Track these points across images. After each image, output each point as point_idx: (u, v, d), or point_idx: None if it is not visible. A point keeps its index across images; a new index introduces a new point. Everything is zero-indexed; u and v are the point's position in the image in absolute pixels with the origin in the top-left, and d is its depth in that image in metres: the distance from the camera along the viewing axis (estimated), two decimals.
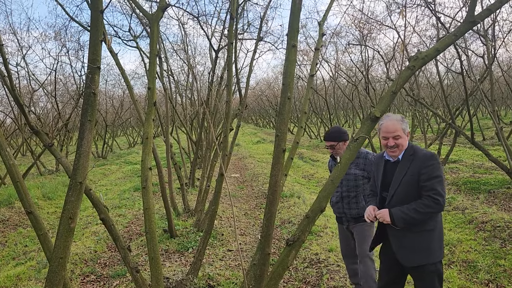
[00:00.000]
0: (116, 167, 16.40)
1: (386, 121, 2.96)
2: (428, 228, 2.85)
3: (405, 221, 2.79)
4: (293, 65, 2.05)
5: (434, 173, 2.77)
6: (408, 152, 2.93)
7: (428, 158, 2.83)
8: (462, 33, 2.19)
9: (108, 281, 4.86)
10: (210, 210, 4.36)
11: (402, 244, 2.92)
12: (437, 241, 2.86)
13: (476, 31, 8.49)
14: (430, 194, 2.75)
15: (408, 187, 2.85)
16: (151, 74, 2.94)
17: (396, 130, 2.90)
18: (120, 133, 35.60)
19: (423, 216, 2.77)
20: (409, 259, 2.90)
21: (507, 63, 18.62)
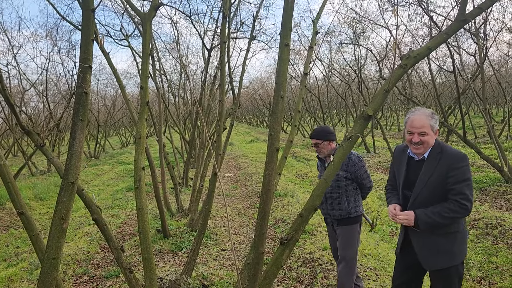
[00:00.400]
0: (109, 167, 16.31)
1: (413, 114, 2.74)
2: (452, 230, 2.71)
3: (428, 225, 2.65)
4: (286, 64, 2.05)
5: (464, 175, 2.59)
6: (435, 150, 2.71)
7: (458, 159, 2.62)
8: (453, 31, 2.20)
9: (101, 281, 4.83)
10: (203, 209, 4.35)
11: (425, 246, 2.77)
12: (460, 244, 2.74)
13: (468, 30, 8.56)
14: (457, 199, 2.58)
15: (434, 189, 2.67)
16: (143, 74, 2.92)
17: (423, 126, 2.67)
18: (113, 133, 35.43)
19: (448, 221, 2.63)
20: (431, 262, 2.76)
21: (498, 62, 18.78)
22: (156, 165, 7.29)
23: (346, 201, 3.66)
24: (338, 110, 31.18)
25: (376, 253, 5.31)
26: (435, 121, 2.70)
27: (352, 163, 3.65)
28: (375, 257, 5.19)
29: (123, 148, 25.25)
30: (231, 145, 21.83)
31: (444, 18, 8.74)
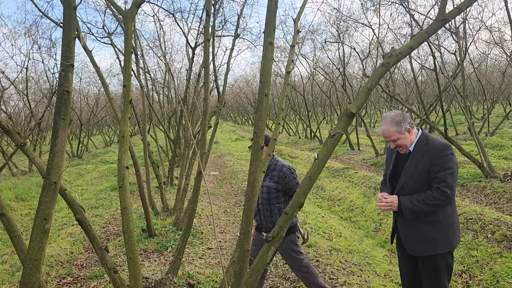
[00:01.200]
0: (92, 167, 16.10)
1: (380, 128, 2.97)
2: (436, 218, 2.81)
3: (413, 211, 2.77)
4: (270, 62, 2.06)
5: (446, 164, 2.72)
6: (421, 143, 2.87)
7: (441, 149, 2.77)
8: (434, 30, 2.24)
9: (85, 282, 4.78)
10: (189, 208, 4.34)
11: (409, 233, 2.91)
12: (446, 232, 2.81)
13: (448, 29, 8.70)
14: (439, 186, 2.70)
15: (419, 179, 2.81)
16: (126, 72, 2.89)
17: (390, 135, 2.89)
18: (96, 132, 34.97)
19: (432, 208, 2.73)
20: (415, 248, 2.88)
21: (478, 60, 19.17)
22: (141, 164, 7.23)
23: (277, 213, 3.62)
24: (323, 107, 31.39)
25: (361, 249, 5.38)
26: (398, 124, 2.87)
27: (283, 175, 3.61)
28: (360, 253, 5.26)
29: (107, 147, 24.96)
30: (216, 144, 21.78)
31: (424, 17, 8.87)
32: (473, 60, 17.39)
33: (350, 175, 10.17)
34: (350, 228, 6.61)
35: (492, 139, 13.29)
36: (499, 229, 5.26)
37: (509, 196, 6.95)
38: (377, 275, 4.59)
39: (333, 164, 12.23)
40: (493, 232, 5.24)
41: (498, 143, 12.48)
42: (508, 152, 10.97)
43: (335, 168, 11.46)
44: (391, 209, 2.87)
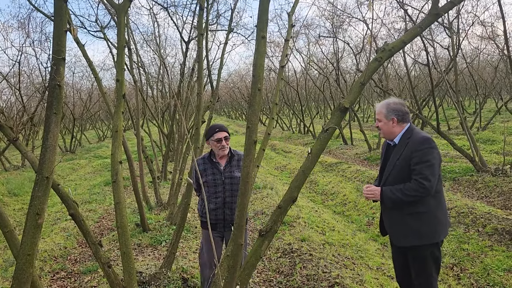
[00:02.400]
0: (86, 162, 16.02)
1: (378, 104, 3.10)
2: (419, 210, 2.88)
3: (392, 200, 2.87)
4: (262, 57, 2.06)
5: (424, 157, 2.79)
6: (406, 136, 2.97)
7: (421, 142, 2.85)
8: (426, 25, 2.25)
9: (79, 277, 4.77)
10: (182, 203, 4.34)
11: (393, 223, 3.01)
12: (429, 225, 2.87)
13: (441, 23, 8.73)
14: (417, 178, 2.78)
15: (400, 170, 2.90)
16: (119, 66, 2.87)
17: (378, 113, 3.04)
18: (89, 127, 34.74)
19: (410, 198, 2.81)
20: (399, 238, 2.98)
21: (470, 55, 19.26)
22: (134, 159, 7.21)
23: None
24: (316, 102, 31.40)
25: (354, 243, 5.42)
26: (388, 110, 2.99)
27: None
28: (353, 246, 5.30)
29: (100, 142, 24.82)
30: None
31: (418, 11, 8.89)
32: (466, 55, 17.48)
33: (343, 170, 10.21)
34: (343, 222, 6.65)
35: (484, 134, 13.40)
36: (490, 223, 5.32)
37: (500, 190, 7.02)
38: (369, 269, 4.63)
39: (327, 158, 12.27)
40: (484, 225, 5.30)
41: (490, 137, 12.59)
42: (499, 146, 11.07)
43: (328, 163, 11.50)
44: (374, 198, 2.99)
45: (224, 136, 3.57)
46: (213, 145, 3.59)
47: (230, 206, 3.58)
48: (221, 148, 3.56)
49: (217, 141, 3.56)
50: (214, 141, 3.57)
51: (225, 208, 3.59)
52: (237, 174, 3.59)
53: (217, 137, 3.56)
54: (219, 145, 3.56)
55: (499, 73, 19.13)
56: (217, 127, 3.59)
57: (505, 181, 7.33)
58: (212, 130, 3.59)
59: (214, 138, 3.56)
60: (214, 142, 3.57)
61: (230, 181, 3.59)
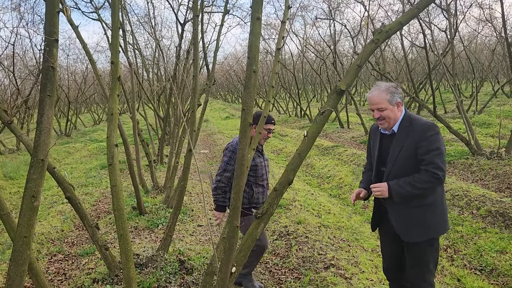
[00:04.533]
0: (81, 145, 15.98)
1: (370, 93, 2.80)
2: (428, 202, 2.70)
3: (402, 195, 2.65)
4: (258, 38, 2.03)
5: (433, 145, 2.59)
6: (404, 123, 2.73)
7: (426, 128, 2.63)
8: (424, 6, 2.22)
9: (76, 259, 4.81)
10: (179, 186, 4.35)
11: (401, 217, 2.76)
12: (438, 216, 2.71)
13: (439, 5, 8.65)
14: (428, 168, 2.58)
15: (405, 162, 2.68)
16: (114, 48, 2.83)
17: (380, 102, 2.72)
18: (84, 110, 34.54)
19: (421, 191, 2.63)
20: (409, 233, 2.73)
21: (468, 38, 19.16)
22: (130, 142, 7.19)
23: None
24: (313, 86, 31.30)
25: (349, 225, 5.48)
26: (392, 94, 2.71)
27: None
28: (348, 229, 5.35)
29: (96, 126, 24.72)
30: (206, 122, 21.71)
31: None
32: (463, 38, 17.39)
33: (339, 153, 10.25)
34: (338, 205, 6.71)
35: (480, 117, 13.44)
36: (484, 205, 5.38)
37: (495, 173, 7.08)
38: (364, 250, 4.69)
39: (323, 142, 12.30)
40: (478, 208, 5.36)
41: (486, 121, 12.63)
42: (495, 130, 11.12)
43: (324, 146, 11.53)
44: (382, 196, 2.73)
45: (273, 129, 3.69)
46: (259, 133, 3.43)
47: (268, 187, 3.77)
48: (266, 138, 3.66)
49: (268, 132, 3.62)
50: (265, 129, 3.54)
51: (267, 189, 3.75)
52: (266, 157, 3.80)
53: (270, 127, 3.60)
54: (266, 135, 3.62)
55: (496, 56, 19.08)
56: (272, 118, 3.61)
57: (500, 164, 7.39)
58: (269, 120, 3.54)
59: (266, 126, 3.53)
60: (264, 131, 3.53)
61: (267, 163, 3.80)
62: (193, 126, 4.29)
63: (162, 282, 3.75)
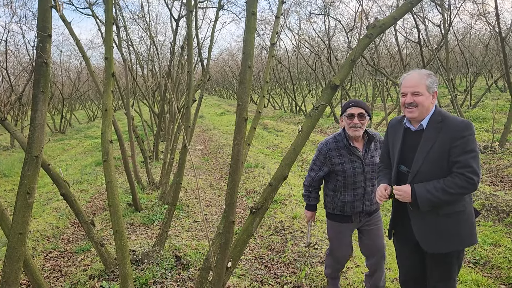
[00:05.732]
0: (76, 142, 15.91)
1: (408, 74, 2.48)
2: (457, 209, 2.41)
3: (431, 202, 2.33)
4: (253, 33, 2.03)
5: (468, 146, 2.29)
6: (435, 119, 2.40)
7: (462, 128, 2.31)
8: (417, 1, 2.22)
9: (72, 256, 4.80)
10: (174, 182, 4.36)
11: (427, 227, 2.46)
12: (467, 225, 2.43)
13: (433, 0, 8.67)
14: (463, 172, 2.27)
15: (436, 163, 2.37)
16: (107, 44, 2.83)
17: (417, 85, 2.39)
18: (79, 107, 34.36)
19: (453, 197, 2.33)
20: (435, 245, 2.44)
21: (462, 33, 19.22)
22: (125, 139, 7.17)
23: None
24: (308, 81, 31.28)
25: None
26: (432, 81, 2.41)
27: (381, 146, 3.14)
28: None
29: (90, 122, 24.61)
30: (201, 118, 21.67)
31: None
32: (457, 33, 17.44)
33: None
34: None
35: (474, 112, 13.51)
36: (478, 199, 5.42)
37: (488, 167, 7.13)
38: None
39: (318, 137, 12.32)
40: (472, 201, 5.40)
41: (480, 115, 12.70)
42: (489, 124, 11.18)
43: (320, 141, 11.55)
44: (404, 200, 2.44)
45: (359, 113, 2.98)
46: (345, 123, 3.07)
47: (369, 197, 3.13)
48: (352, 126, 3.00)
49: (349, 117, 3.02)
50: (346, 116, 3.04)
51: (364, 199, 3.13)
52: (377, 160, 3.09)
53: (349, 112, 3.01)
54: (351, 122, 3.00)
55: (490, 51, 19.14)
56: (352, 101, 3.08)
57: (494, 158, 7.45)
58: (347, 104, 3.08)
59: (346, 113, 3.03)
60: (346, 119, 3.04)
61: (371, 168, 3.10)
62: (188, 122, 4.29)
63: (158, 278, 3.76)
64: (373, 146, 3.14)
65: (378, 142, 3.16)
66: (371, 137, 3.10)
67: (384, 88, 17.17)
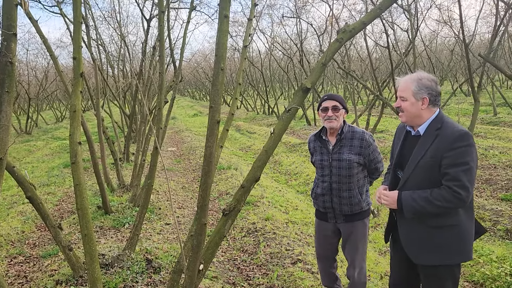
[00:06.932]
0: (43, 143, 15.43)
1: (405, 76, 2.45)
2: (450, 223, 2.30)
3: (415, 211, 2.28)
4: (225, 36, 2.04)
5: (461, 158, 2.17)
6: (434, 126, 2.32)
7: (457, 137, 2.20)
8: (386, 6, 2.29)
9: (38, 261, 4.66)
10: (146, 184, 4.30)
11: (412, 237, 2.40)
12: (460, 241, 2.30)
13: (400, 5, 8.92)
14: (450, 185, 2.18)
15: (428, 171, 2.29)
16: (76, 43, 2.76)
17: (403, 90, 2.37)
18: (46, 107, 33.34)
19: (438, 210, 2.24)
20: (419, 256, 2.38)
21: (429, 38, 19.84)
22: (95, 140, 7.02)
23: (358, 192, 3.09)
24: (281, 83, 31.51)
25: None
26: (420, 86, 2.33)
27: (367, 144, 3.07)
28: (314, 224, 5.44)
29: (58, 123, 23.93)
30: (174, 119, 21.45)
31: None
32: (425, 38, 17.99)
33: (306, 150, 10.39)
34: (306, 201, 6.81)
35: None
36: None
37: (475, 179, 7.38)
38: None
39: (290, 139, 12.43)
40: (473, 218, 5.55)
41: None
42: None
43: (292, 143, 11.65)
44: (389, 206, 2.43)
45: (332, 105, 3.03)
46: (321, 116, 3.13)
47: (338, 194, 3.08)
48: (327, 118, 3.05)
49: (323, 110, 3.07)
50: (321, 110, 3.10)
51: (332, 195, 3.11)
52: (346, 156, 3.04)
53: (324, 105, 3.07)
54: (325, 114, 3.05)
55: (455, 56, 19.86)
56: (326, 95, 3.13)
57: None
58: (322, 98, 3.15)
59: (321, 106, 3.10)
60: (321, 112, 3.10)
61: (338, 164, 3.07)
62: (160, 123, 4.25)
63: (128, 281, 3.70)
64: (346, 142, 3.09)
65: (360, 140, 3.07)
66: (341, 132, 3.10)
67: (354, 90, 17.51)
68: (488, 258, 4.07)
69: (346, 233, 3.16)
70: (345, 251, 3.21)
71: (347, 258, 3.22)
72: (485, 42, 18.79)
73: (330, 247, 3.29)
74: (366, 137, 3.08)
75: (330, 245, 3.28)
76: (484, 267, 3.93)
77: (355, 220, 3.11)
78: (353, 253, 3.13)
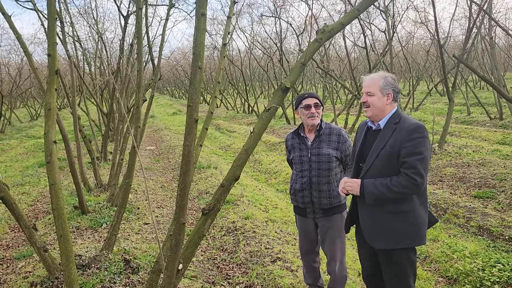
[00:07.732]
0: (17, 142, 15.02)
1: (371, 74, 2.68)
2: (404, 209, 2.51)
3: (375, 196, 2.48)
4: (203, 34, 2.03)
5: (416, 148, 2.41)
6: (392, 120, 2.55)
7: (412, 129, 2.44)
8: (364, 8, 2.32)
9: (12, 263, 4.54)
10: (124, 184, 4.24)
11: (371, 222, 2.60)
12: (413, 225, 2.51)
13: (378, 7, 9.05)
14: (408, 173, 2.40)
15: (387, 161, 2.50)
16: (50, 40, 2.70)
17: (370, 85, 2.57)
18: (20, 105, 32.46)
19: (396, 195, 2.44)
20: (376, 239, 2.57)
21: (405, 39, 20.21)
22: (71, 139, 6.87)
23: (337, 186, 3.16)
24: (261, 82, 31.55)
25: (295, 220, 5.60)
26: (386, 83, 2.55)
27: (344, 140, 3.26)
28: (294, 223, 5.48)
29: (33, 121, 23.34)
30: (152, 118, 21.21)
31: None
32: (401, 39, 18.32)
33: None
34: (285, 200, 6.84)
35: (415, 114, 14.26)
36: None
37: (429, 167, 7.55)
38: None
39: (270, 138, 12.47)
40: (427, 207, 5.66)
41: (421, 118, 13.42)
42: (429, 126, 11.82)
43: (272, 142, 11.69)
44: (352, 192, 2.60)
45: (314, 103, 3.19)
46: (302, 114, 3.24)
47: (317, 188, 3.19)
48: (311, 116, 3.18)
49: (306, 108, 3.20)
50: (302, 108, 3.21)
51: (311, 189, 3.21)
52: (325, 150, 3.18)
53: (305, 103, 3.20)
54: (308, 112, 3.18)
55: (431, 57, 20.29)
56: (306, 93, 3.27)
57: (433, 158, 7.89)
58: (301, 96, 3.26)
59: (302, 104, 3.21)
60: (303, 110, 3.21)
61: (317, 158, 3.19)
62: (138, 122, 4.20)
63: (106, 282, 3.64)
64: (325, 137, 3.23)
65: (338, 135, 3.24)
66: (322, 129, 3.24)
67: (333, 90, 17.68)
68: (462, 254, 4.18)
69: (325, 227, 3.25)
70: (324, 246, 3.29)
71: (326, 253, 3.30)
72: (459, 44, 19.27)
73: (311, 241, 3.39)
74: (343, 133, 3.28)
75: (312, 240, 3.38)
76: (457, 262, 4.03)
77: (333, 214, 3.22)
78: (333, 247, 3.23)
